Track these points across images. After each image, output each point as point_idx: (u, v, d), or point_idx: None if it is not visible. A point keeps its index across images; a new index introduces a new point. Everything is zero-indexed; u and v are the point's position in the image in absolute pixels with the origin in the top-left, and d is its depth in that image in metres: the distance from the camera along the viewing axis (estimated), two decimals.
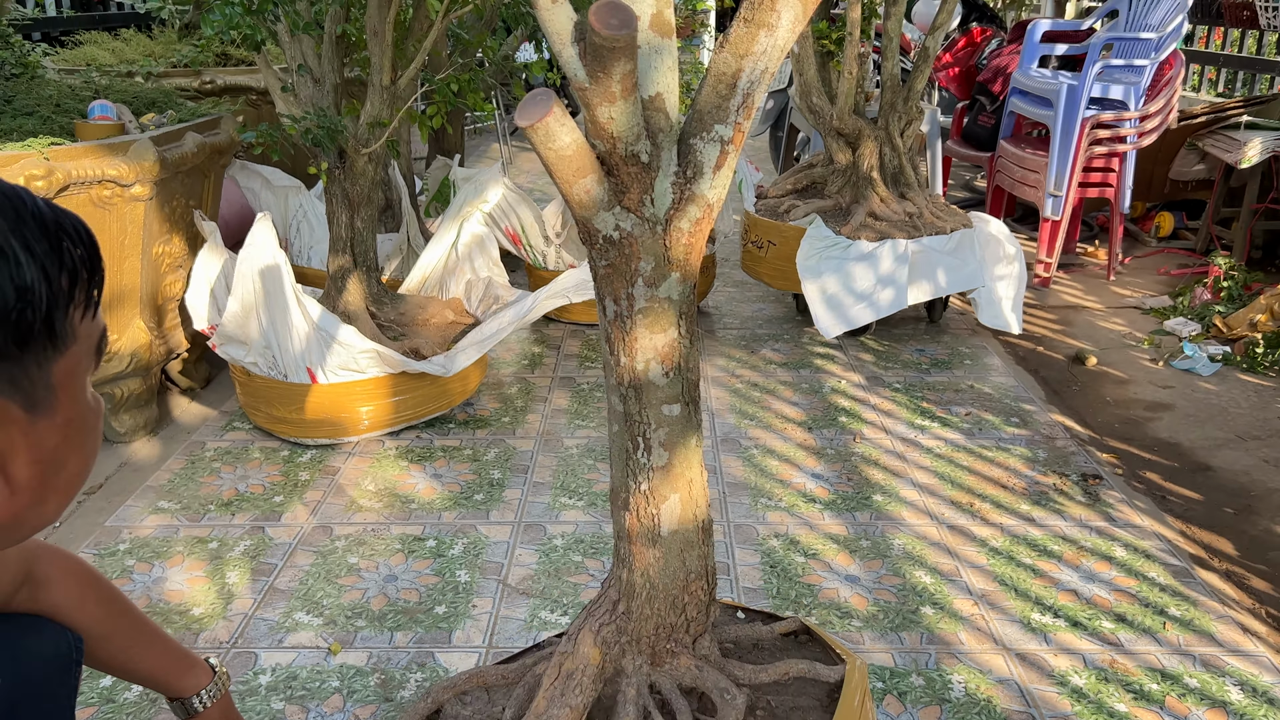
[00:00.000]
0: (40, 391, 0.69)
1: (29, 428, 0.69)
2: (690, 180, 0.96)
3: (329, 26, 2.51)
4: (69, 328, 0.70)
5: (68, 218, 0.71)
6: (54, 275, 0.68)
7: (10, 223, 0.67)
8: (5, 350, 0.65)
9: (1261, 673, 1.74)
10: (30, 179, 2.18)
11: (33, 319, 0.66)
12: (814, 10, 0.88)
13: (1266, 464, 2.51)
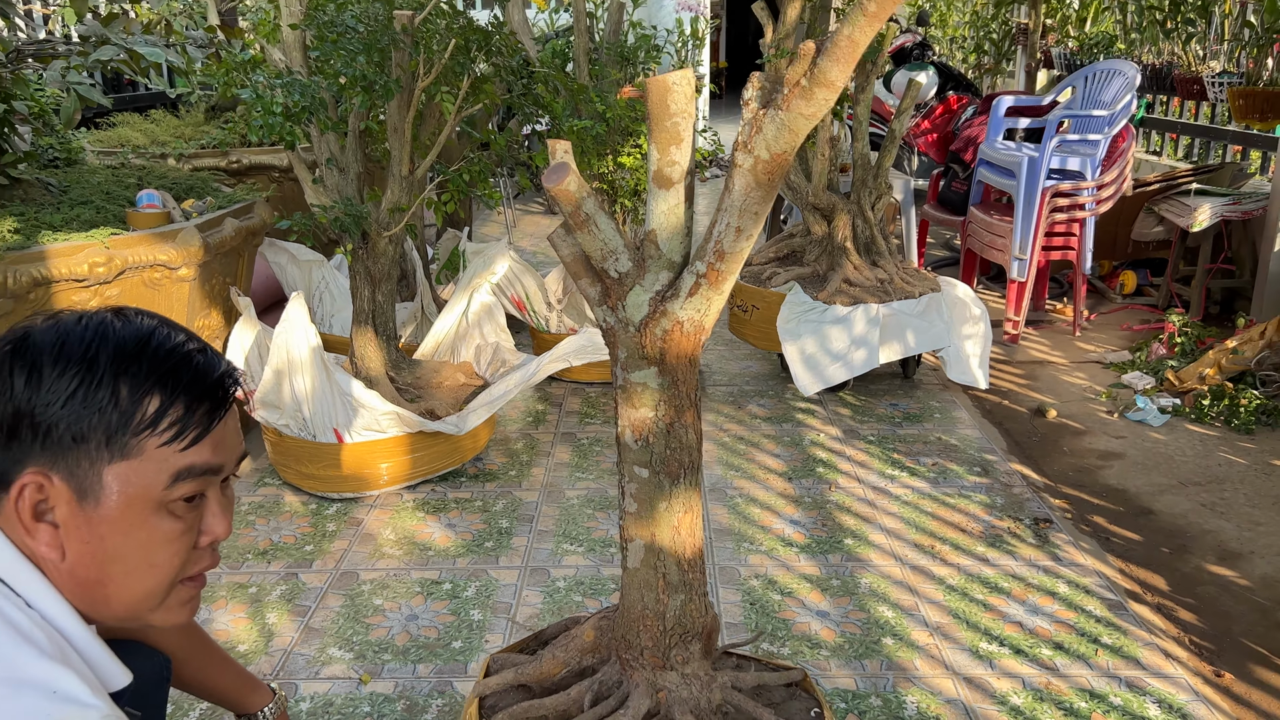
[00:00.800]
0: (90, 485, 0.90)
1: (77, 510, 0.90)
2: (667, 298, 1.24)
3: (352, 123, 2.81)
4: (135, 445, 0.90)
5: (201, 369, 0.95)
6: (134, 401, 0.90)
7: (127, 349, 0.91)
8: (62, 440, 0.89)
9: (1178, 692, 1.98)
10: (93, 266, 2.47)
11: (92, 427, 0.89)
12: (778, 177, 1.15)
13: (1203, 507, 2.76)
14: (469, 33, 2.74)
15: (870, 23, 0.96)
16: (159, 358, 0.92)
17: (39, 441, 0.89)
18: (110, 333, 0.92)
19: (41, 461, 0.89)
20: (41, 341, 0.91)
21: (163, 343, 0.94)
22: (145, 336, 0.93)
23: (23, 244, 2.42)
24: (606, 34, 3.78)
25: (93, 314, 0.95)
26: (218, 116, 4.73)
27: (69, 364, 0.89)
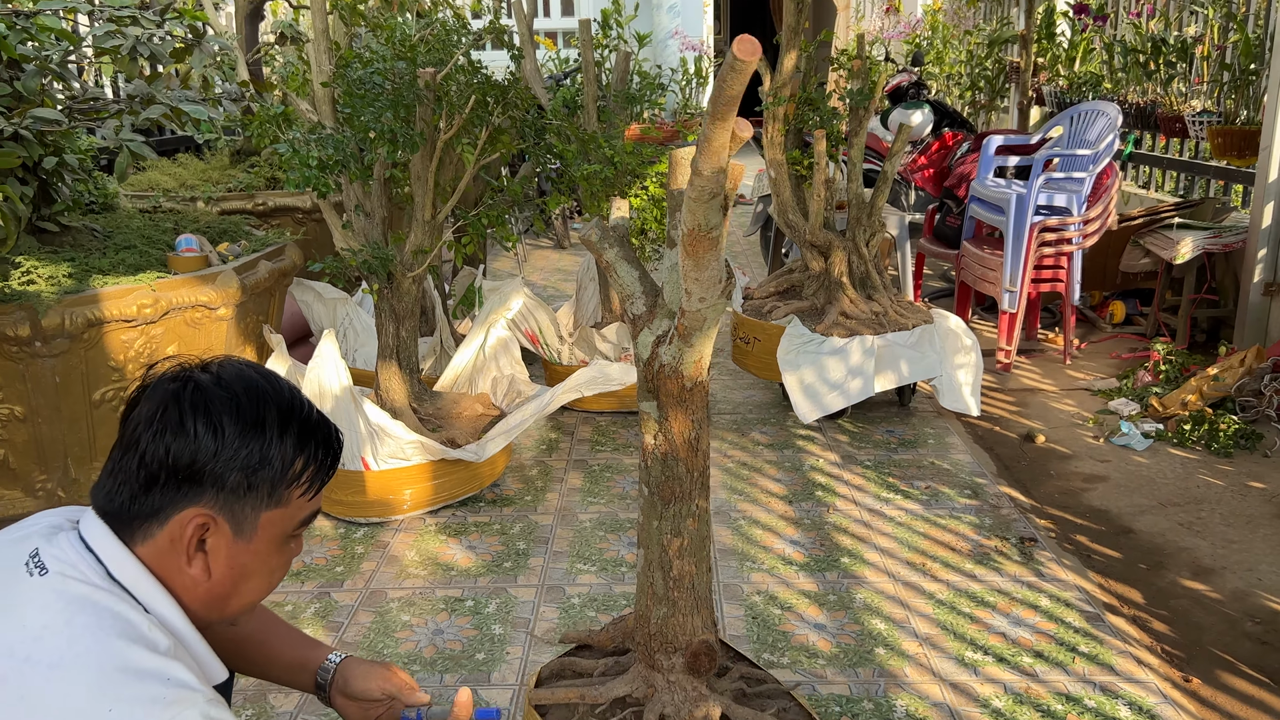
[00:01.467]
0: (247, 525, 1.11)
1: (231, 543, 1.11)
2: (660, 342, 1.43)
3: (378, 172, 3.02)
4: (286, 495, 1.12)
5: (326, 431, 1.17)
6: (290, 460, 1.11)
7: (284, 413, 1.12)
8: (236, 489, 1.09)
9: (1148, 695, 2.14)
10: (141, 307, 2.67)
11: (260, 480, 1.10)
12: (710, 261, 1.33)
13: (1181, 527, 2.93)
14: (487, 88, 2.96)
15: (718, 126, 1.15)
16: (306, 423, 1.14)
17: (214, 487, 1.08)
18: (269, 396, 1.12)
19: (211, 504, 1.08)
20: (215, 397, 1.09)
21: (302, 407, 1.15)
22: (291, 402, 1.14)
23: (77, 288, 2.63)
24: (614, 81, 4.00)
25: (238, 369, 1.13)
26: (243, 160, 4.95)
27: (246, 425, 1.09)
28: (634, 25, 10.03)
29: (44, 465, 2.69)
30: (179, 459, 1.06)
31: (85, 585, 1.03)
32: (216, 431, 1.07)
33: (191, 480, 1.07)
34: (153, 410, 1.08)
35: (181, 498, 1.07)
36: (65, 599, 1.01)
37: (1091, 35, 5.78)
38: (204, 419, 1.07)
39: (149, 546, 1.08)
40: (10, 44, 2.54)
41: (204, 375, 1.11)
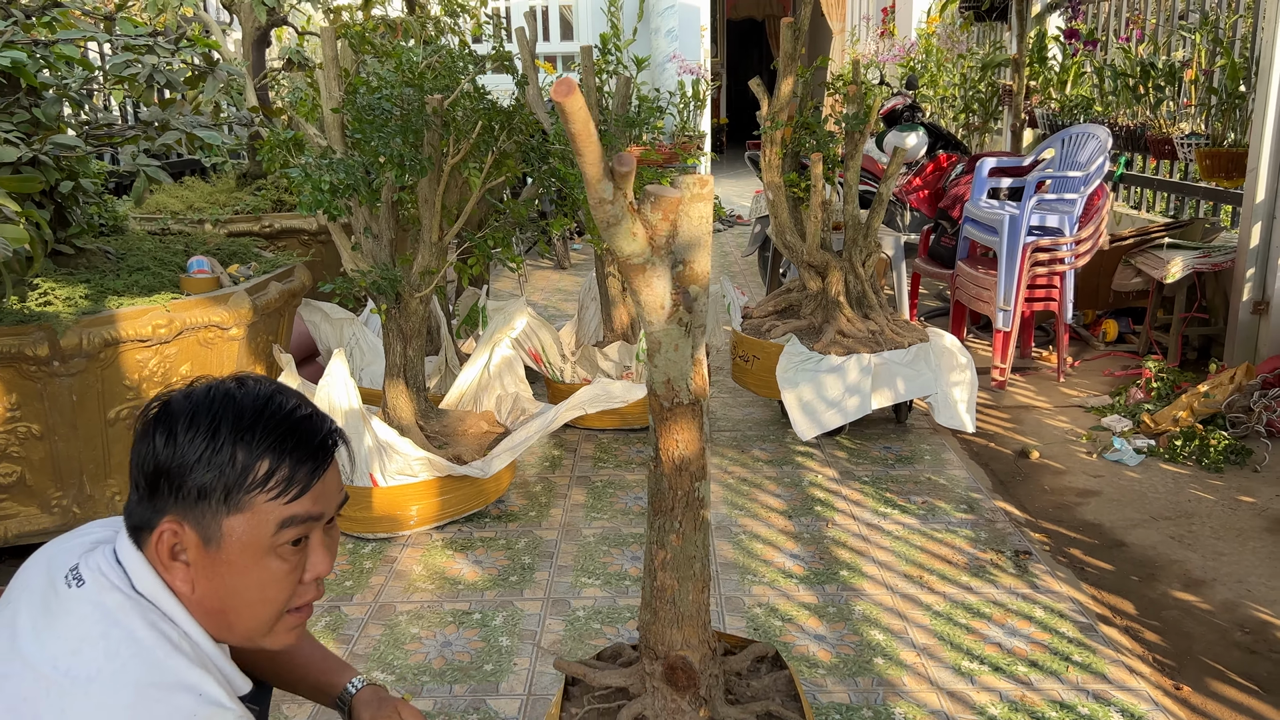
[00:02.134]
0: (213, 532, 1.11)
1: (204, 554, 1.12)
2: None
3: (386, 195, 3.10)
4: (246, 501, 1.10)
5: (307, 433, 1.14)
6: (248, 465, 1.10)
7: (245, 417, 1.11)
8: (189, 495, 1.10)
9: (1140, 703, 2.20)
10: (156, 327, 2.73)
11: (214, 485, 1.10)
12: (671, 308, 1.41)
13: (1172, 540, 2.99)
14: (493, 114, 3.04)
15: (582, 161, 1.24)
16: (271, 425, 1.12)
17: (174, 495, 1.10)
18: (231, 402, 1.12)
19: (176, 512, 1.10)
20: (177, 409, 1.12)
21: (275, 410, 1.14)
22: (261, 405, 1.13)
23: (94, 309, 2.69)
24: (615, 106, 4.08)
25: (221, 382, 1.16)
26: (249, 183, 5.03)
27: (198, 430, 1.10)
28: (632, 49, 10.18)
29: (60, 482, 2.75)
30: (145, 468, 1.11)
31: (118, 594, 1.08)
32: (170, 438, 1.10)
33: (155, 490, 1.11)
34: (149, 436, 1.13)
35: (155, 509, 1.11)
36: (100, 611, 1.06)
37: (1082, 59, 5.89)
38: (163, 429, 1.11)
39: (150, 559, 1.12)
40: (30, 72, 2.61)
41: (178, 391, 1.15)
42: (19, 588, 1.16)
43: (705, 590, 1.61)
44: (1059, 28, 6.33)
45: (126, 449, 2.80)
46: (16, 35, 2.61)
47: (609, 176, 1.28)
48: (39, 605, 1.10)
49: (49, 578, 1.13)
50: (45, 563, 1.16)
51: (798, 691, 1.69)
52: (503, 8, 10.74)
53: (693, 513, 1.56)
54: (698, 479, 1.55)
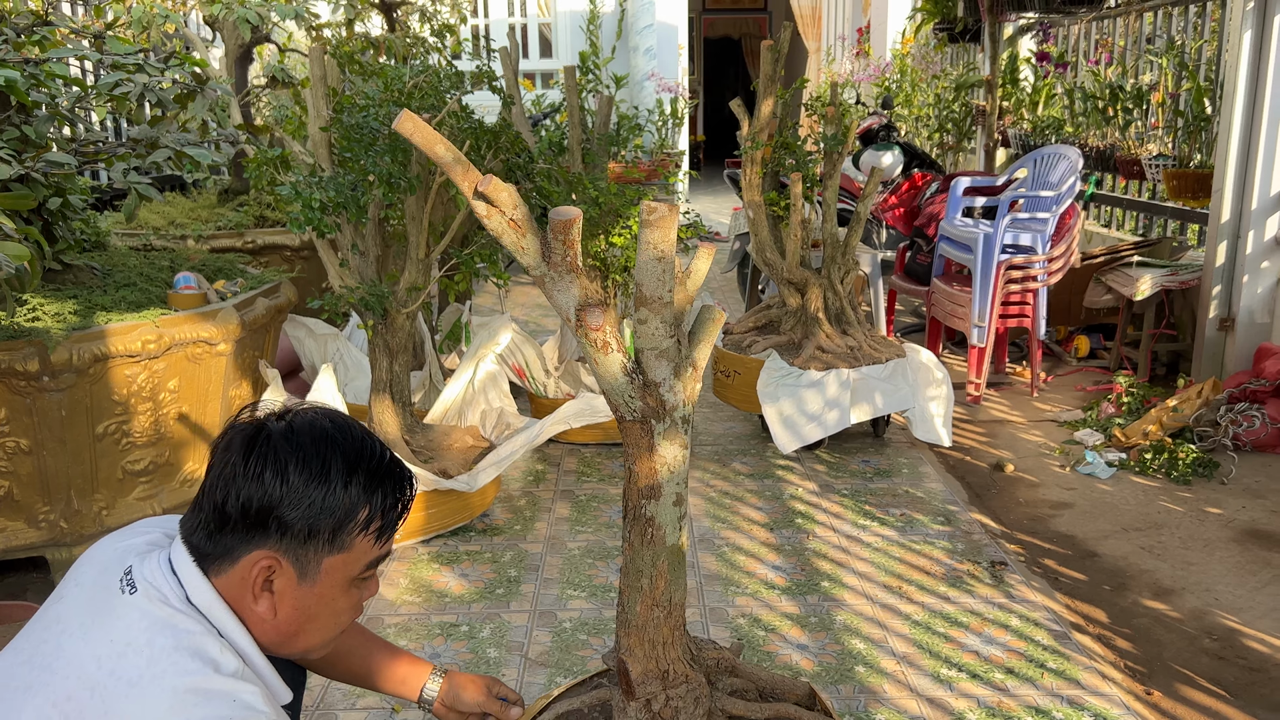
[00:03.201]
0: (310, 569, 1.20)
1: (296, 586, 1.20)
2: None
3: (372, 212, 3.14)
4: (349, 541, 1.20)
5: (397, 479, 1.23)
6: (354, 508, 1.18)
7: (350, 461, 1.19)
8: (299, 535, 1.17)
9: (1112, 707, 2.27)
10: (145, 343, 2.75)
11: (323, 527, 1.18)
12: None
13: (1142, 550, 3.07)
14: (480, 133, 3.09)
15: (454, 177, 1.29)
16: (373, 471, 1.21)
17: (279, 532, 1.17)
18: (336, 445, 1.20)
19: (276, 547, 1.17)
20: (283, 446, 1.17)
21: (373, 456, 1.23)
22: (360, 449, 1.21)
23: (83, 324, 2.71)
24: (597, 125, 4.15)
25: (315, 417, 1.21)
26: (231, 199, 5.05)
27: (312, 474, 1.17)
28: (611, 67, 10.27)
29: (47, 497, 2.76)
30: (248, 504, 1.16)
31: (167, 608, 1.13)
32: (282, 479, 1.16)
33: (259, 525, 1.16)
34: (228, 456, 1.18)
35: (250, 540, 1.17)
36: (149, 619, 1.12)
37: (1053, 81, 6.02)
38: (272, 467, 1.16)
39: (223, 580, 1.18)
40: (21, 90, 2.64)
41: (277, 424, 1.20)
42: (71, 583, 1.21)
43: (659, 610, 1.57)
44: (1031, 50, 6.47)
45: (114, 464, 2.83)
46: (8, 54, 2.64)
47: (477, 196, 1.33)
48: (89, 605, 1.15)
49: (101, 577, 1.18)
50: (99, 561, 1.21)
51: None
52: (482, 25, 10.81)
53: (640, 528, 1.54)
54: (645, 497, 1.53)
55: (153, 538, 1.26)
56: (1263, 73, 4.00)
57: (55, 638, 1.13)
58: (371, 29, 6.60)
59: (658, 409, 1.49)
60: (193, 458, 3.03)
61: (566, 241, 1.37)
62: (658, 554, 1.56)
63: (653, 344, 1.46)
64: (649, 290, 1.43)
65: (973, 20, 6.47)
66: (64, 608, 1.17)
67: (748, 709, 1.64)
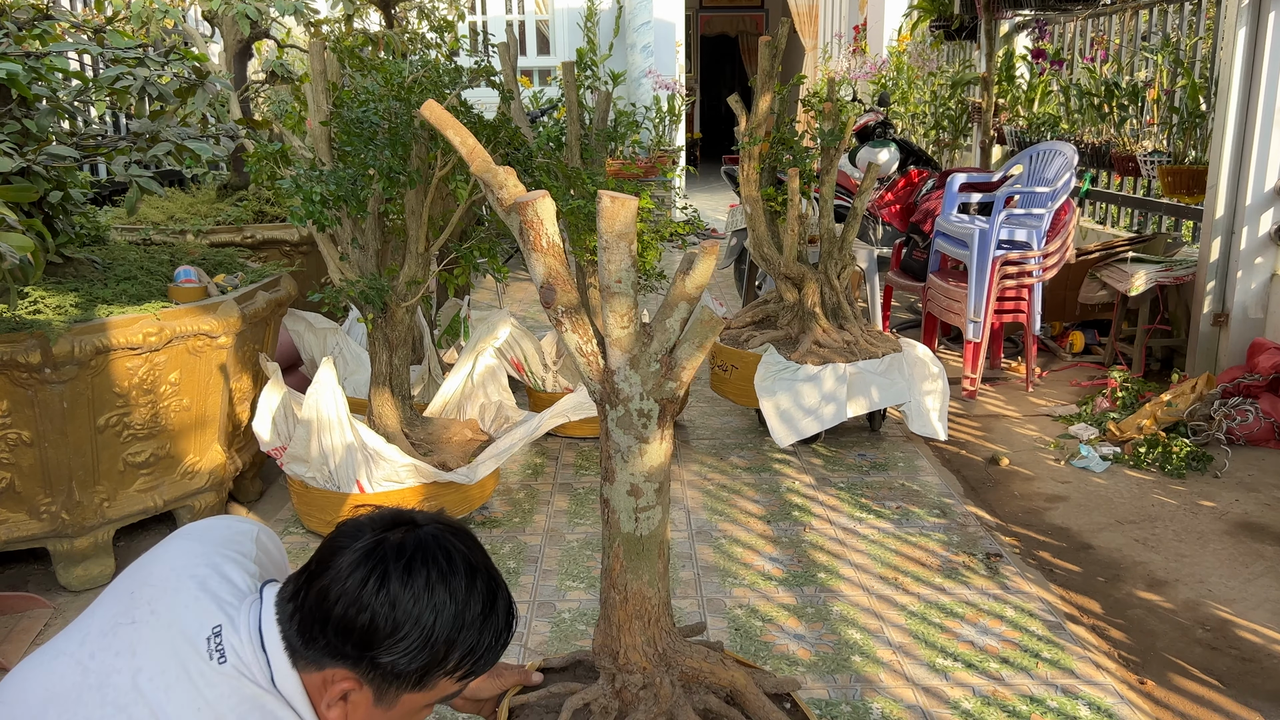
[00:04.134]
0: (388, 698, 1.21)
1: (370, 707, 1.21)
2: None
3: (372, 206, 3.15)
4: (434, 683, 1.22)
5: (499, 631, 1.24)
6: (449, 657, 1.20)
7: (460, 614, 1.19)
8: (390, 673, 1.18)
9: (1106, 696, 2.29)
10: (146, 335, 2.77)
11: (414, 673, 1.18)
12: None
13: (1136, 542, 3.09)
14: (480, 127, 3.11)
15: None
16: (480, 639, 1.22)
17: (368, 662, 1.17)
18: (452, 595, 1.19)
19: (362, 676, 1.18)
20: (399, 583, 1.17)
21: (487, 623, 1.22)
22: (471, 599, 1.21)
23: (85, 316, 2.73)
24: (595, 121, 4.16)
25: (433, 552, 1.21)
26: (230, 194, 5.06)
27: (419, 623, 1.17)
28: (608, 64, 10.27)
29: (49, 489, 2.77)
30: (349, 630, 1.17)
31: (255, 687, 1.16)
32: (391, 623, 1.16)
33: (356, 651, 1.17)
34: (353, 571, 1.18)
35: (341, 656, 1.18)
36: (239, 696, 1.14)
37: (1049, 78, 6.05)
38: (384, 607, 1.16)
39: (305, 674, 1.20)
40: (23, 83, 2.65)
41: (398, 559, 1.19)
42: (144, 606, 1.22)
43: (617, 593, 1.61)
44: (1026, 47, 6.49)
45: (115, 455, 2.84)
46: (9, 48, 2.65)
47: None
48: (172, 654, 1.15)
49: (180, 618, 1.19)
50: (170, 586, 1.23)
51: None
52: (480, 22, 10.82)
53: (602, 506, 1.60)
54: (604, 478, 1.57)
55: (239, 580, 1.26)
56: (1257, 69, 4.03)
57: (130, 675, 1.14)
58: (370, 25, 6.62)
59: (610, 395, 1.51)
60: (193, 450, 3.05)
61: (526, 221, 1.40)
62: (613, 537, 1.59)
63: (611, 333, 1.49)
64: (605, 279, 1.45)
65: (969, 17, 6.49)
66: (138, 637, 1.17)
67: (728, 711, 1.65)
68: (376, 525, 1.23)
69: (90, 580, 2.88)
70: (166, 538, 1.38)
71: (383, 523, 1.24)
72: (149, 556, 1.32)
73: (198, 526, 1.38)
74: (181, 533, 1.38)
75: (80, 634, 1.22)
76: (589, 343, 1.51)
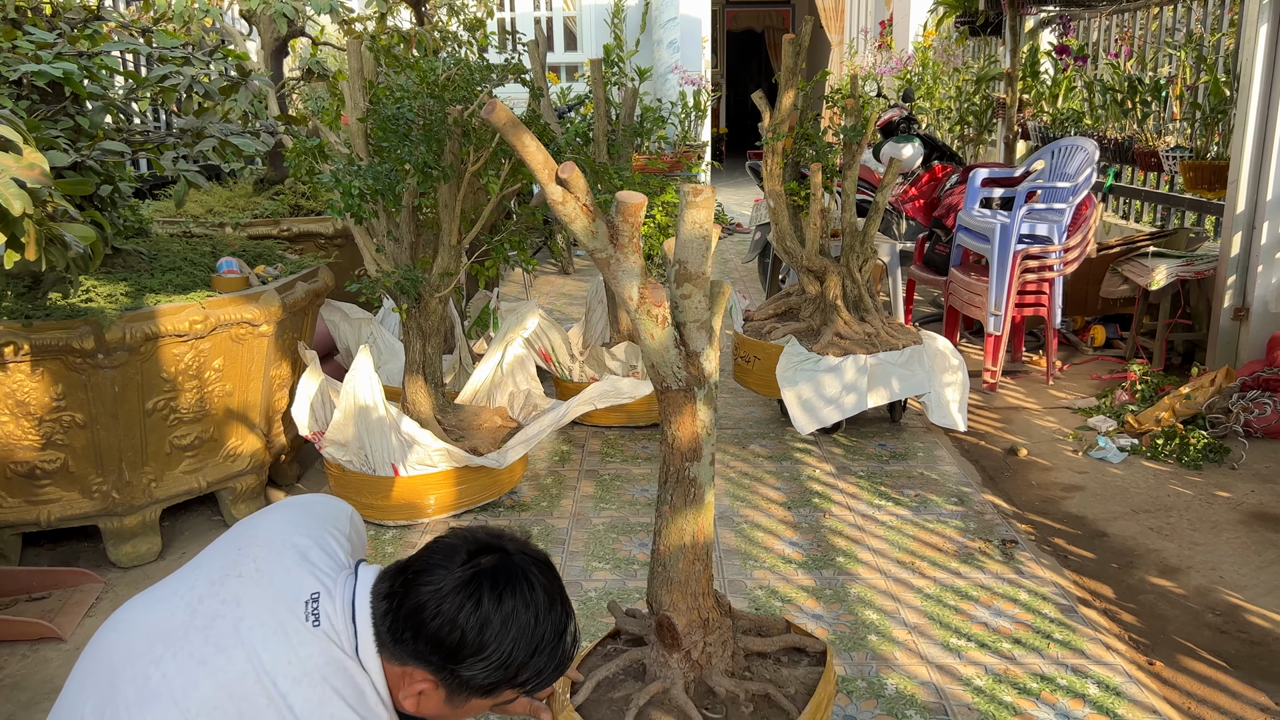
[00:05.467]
0: (458, 700, 1.37)
1: (441, 703, 1.37)
2: None
3: (407, 200, 3.26)
4: (500, 693, 1.38)
5: (564, 657, 1.41)
6: (519, 675, 1.36)
7: (537, 643, 1.35)
8: (465, 681, 1.33)
9: (1114, 675, 2.37)
10: (193, 323, 2.89)
11: (486, 685, 1.34)
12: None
13: (1151, 531, 3.16)
14: None
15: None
16: (548, 663, 1.39)
17: (448, 670, 1.33)
18: (536, 621, 1.35)
19: (441, 680, 1.34)
20: (491, 610, 1.32)
21: (557, 649, 1.39)
22: (556, 637, 1.38)
23: (134, 305, 2.86)
24: (622, 117, 4.26)
25: (523, 582, 1.37)
26: (266, 188, 5.20)
27: (500, 648, 1.33)
28: (635, 60, 10.34)
29: (100, 469, 2.91)
30: (438, 641, 1.32)
31: (341, 652, 1.31)
32: (477, 645, 1.32)
33: (440, 660, 1.33)
34: (452, 594, 1.33)
35: (426, 662, 1.34)
36: (327, 657, 1.29)
37: (1073, 74, 6.08)
38: (474, 629, 1.32)
39: (387, 662, 1.35)
40: (77, 81, 2.78)
41: (492, 587, 1.34)
42: (249, 561, 1.37)
43: (699, 564, 1.73)
44: (1050, 43, 6.52)
45: (162, 438, 2.97)
46: (65, 48, 2.78)
47: (557, 182, 1.45)
48: (272, 610, 1.30)
49: (282, 580, 1.35)
50: (274, 546, 1.39)
51: (816, 688, 1.77)
52: (509, 19, 10.93)
53: (683, 489, 1.69)
54: (688, 459, 1.68)
55: (338, 553, 1.43)
56: (1279, 65, 4.06)
57: (234, 623, 1.29)
58: (400, 22, 6.74)
59: (699, 376, 1.62)
60: (235, 434, 3.18)
61: (634, 223, 1.50)
62: (699, 512, 1.70)
63: (695, 317, 1.59)
64: (692, 266, 1.56)
65: (994, 13, 6.53)
66: (244, 591, 1.32)
67: (763, 644, 1.77)
68: (471, 547, 1.39)
69: (138, 557, 3.02)
70: (272, 505, 1.54)
71: (477, 546, 1.39)
72: (255, 519, 1.48)
73: (301, 500, 1.54)
74: (287, 503, 1.54)
75: (190, 580, 1.37)
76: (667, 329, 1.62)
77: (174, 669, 1.26)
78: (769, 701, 1.73)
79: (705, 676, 1.74)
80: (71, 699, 1.30)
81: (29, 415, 2.78)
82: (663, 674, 1.73)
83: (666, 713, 1.68)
